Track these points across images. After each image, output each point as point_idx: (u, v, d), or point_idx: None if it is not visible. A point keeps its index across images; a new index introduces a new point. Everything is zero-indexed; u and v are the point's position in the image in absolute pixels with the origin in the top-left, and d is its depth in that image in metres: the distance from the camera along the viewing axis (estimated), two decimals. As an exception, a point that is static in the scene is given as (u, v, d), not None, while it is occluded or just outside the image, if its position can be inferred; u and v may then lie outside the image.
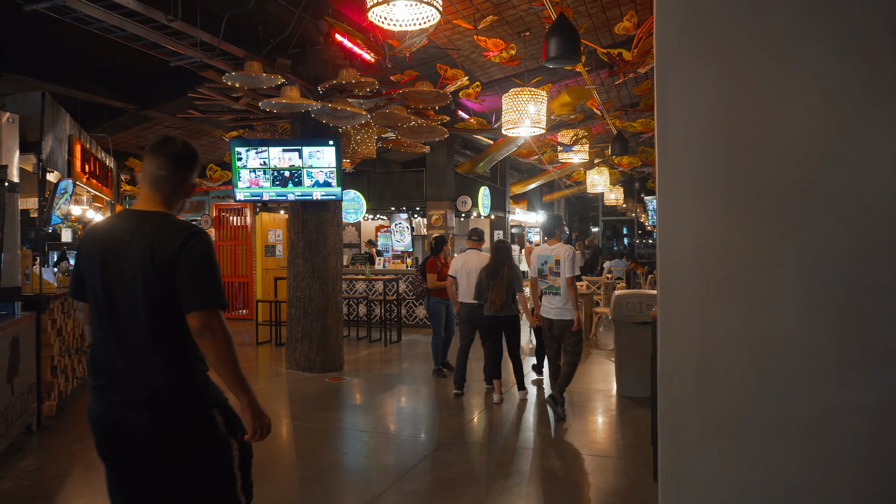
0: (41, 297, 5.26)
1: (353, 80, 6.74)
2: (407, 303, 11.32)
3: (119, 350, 1.97)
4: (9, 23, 8.14)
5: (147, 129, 13.90)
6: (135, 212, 2.08)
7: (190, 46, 6.81)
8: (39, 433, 5.15)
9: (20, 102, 5.74)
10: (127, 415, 1.97)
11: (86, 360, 5.77)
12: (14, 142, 4.89)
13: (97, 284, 2.01)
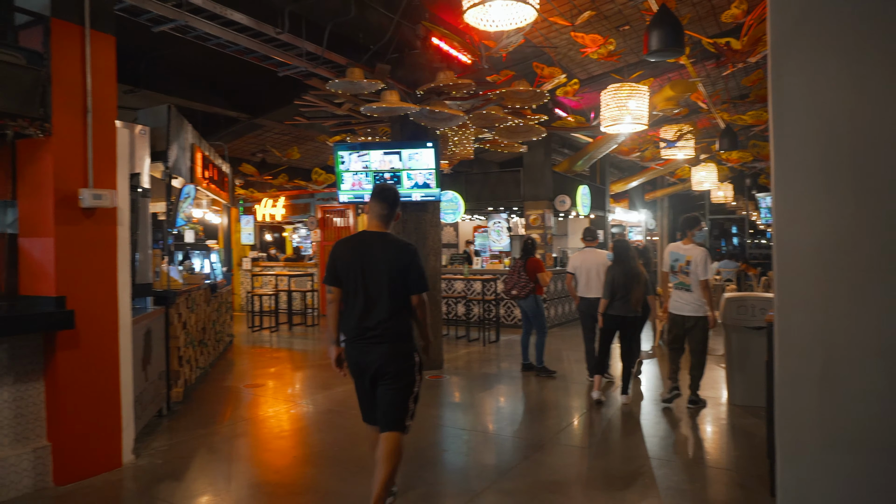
0: (169, 293, 5.74)
1: (450, 83, 6.83)
2: (505, 303, 11.31)
3: (366, 320, 3.33)
4: (141, 44, 8.94)
5: (258, 136, 14.80)
6: (373, 233, 3.47)
7: (296, 57, 7.17)
8: (168, 417, 5.62)
9: (150, 116, 6.29)
10: (374, 349, 3.34)
11: (199, 345, 6.24)
12: (145, 151, 5.36)
13: (356, 277, 3.35)
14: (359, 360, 3.38)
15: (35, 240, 4.06)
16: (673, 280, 5.97)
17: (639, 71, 9.18)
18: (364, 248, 3.41)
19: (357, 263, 3.36)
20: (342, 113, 8.17)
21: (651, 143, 13.31)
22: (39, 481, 3.94)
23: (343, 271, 3.39)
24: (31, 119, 3.81)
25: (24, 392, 3.94)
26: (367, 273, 3.34)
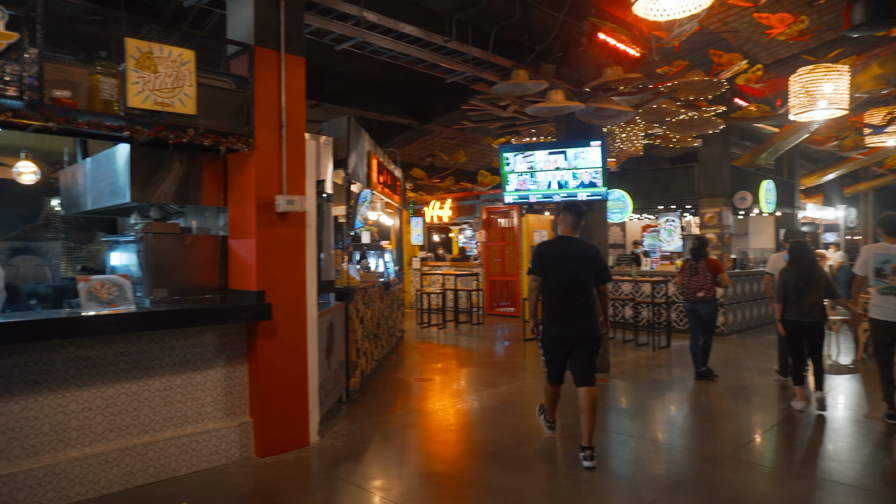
0: (349, 290, 6.24)
1: (617, 78, 6.62)
2: (677, 306, 10.69)
3: (568, 302, 4.51)
4: (325, 62, 9.81)
5: (427, 141, 15.49)
6: (568, 237, 4.70)
7: (463, 63, 7.40)
8: (347, 404, 6.11)
9: (332, 127, 6.89)
10: (574, 326, 4.50)
11: (374, 338, 6.67)
12: (329, 160, 5.88)
13: (558, 270, 4.55)
14: (560, 333, 4.55)
15: (241, 241, 4.65)
16: (878, 284, 5.31)
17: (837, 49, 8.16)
18: (563, 248, 4.64)
19: (559, 260, 4.58)
20: (507, 115, 8.27)
21: (852, 130, 11.77)
22: (244, 452, 4.51)
23: (548, 265, 4.60)
24: (239, 136, 4.38)
25: (232, 373, 4.53)
26: (566, 267, 4.55)
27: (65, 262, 6.60)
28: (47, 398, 3.70)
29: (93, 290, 3.90)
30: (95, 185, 5.07)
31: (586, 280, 4.52)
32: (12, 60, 3.45)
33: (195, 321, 4.24)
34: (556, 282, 4.55)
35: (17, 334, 3.48)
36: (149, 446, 4.05)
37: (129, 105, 3.84)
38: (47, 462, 3.66)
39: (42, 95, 3.55)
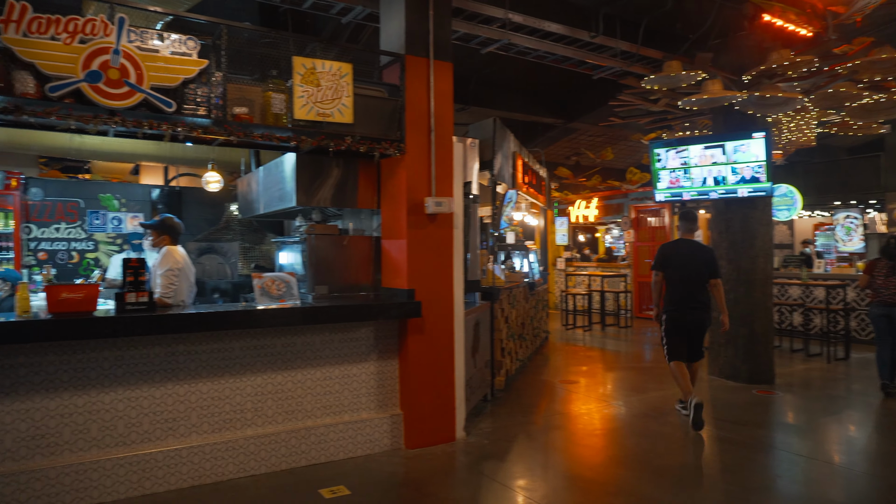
0: (494, 290, 6.32)
1: (785, 62, 6.05)
2: (859, 314, 9.52)
3: (689, 294, 5.48)
4: (470, 66, 10.01)
5: (572, 139, 15.21)
6: (687, 239, 5.70)
7: (610, 57, 7.18)
8: (492, 402, 6.19)
9: (478, 129, 7.02)
10: (694, 315, 5.47)
11: (519, 339, 6.68)
12: (475, 161, 6.00)
13: (679, 267, 5.54)
14: (684, 319, 5.50)
15: (392, 241, 4.89)
16: None
17: None
18: (683, 249, 5.65)
19: (677, 258, 5.60)
20: (658, 109, 7.90)
21: None
22: (395, 442, 4.74)
23: (668, 263, 5.64)
24: (391, 141, 4.62)
25: (384, 367, 4.78)
26: (684, 264, 5.55)
27: (241, 261, 7.37)
28: (228, 381, 4.16)
29: (265, 287, 4.33)
30: (267, 191, 5.61)
31: (700, 276, 5.50)
32: (202, 84, 3.93)
33: (352, 317, 4.54)
34: (675, 276, 5.56)
35: (208, 324, 3.96)
36: (311, 430, 4.41)
37: (295, 117, 4.21)
38: (228, 438, 4.12)
39: (225, 113, 4.01)
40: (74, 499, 3.64)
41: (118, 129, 3.85)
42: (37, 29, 3.46)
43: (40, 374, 3.61)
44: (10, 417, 3.54)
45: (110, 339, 3.78)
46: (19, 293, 3.72)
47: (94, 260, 8.14)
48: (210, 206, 8.14)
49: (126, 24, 3.68)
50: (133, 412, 3.86)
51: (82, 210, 8.09)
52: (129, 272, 3.82)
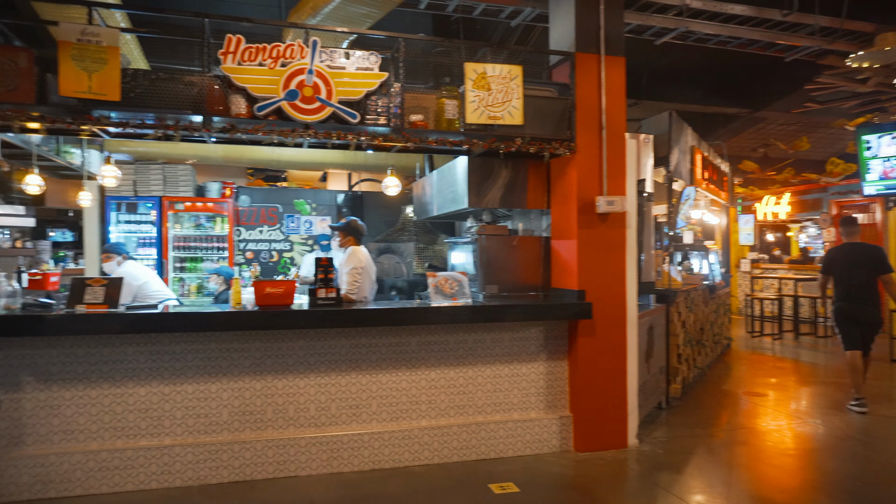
0: (670, 292, 6.00)
1: None
2: None
3: (859, 292, 5.84)
4: (643, 58, 9.58)
5: (759, 130, 13.89)
6: (853, 243, 5.98)
7: (806, 36, 6.46)
8: (667, 410, 5.87)
9: (652, 124, 6.69)
10: (864, 310, 5.85)
11: (697, 345, 6.29)
12: (649, 158, 5.74)
13: (849, 268, 5.88)
14: (848, 311, 5.89)
15: (562, 242, 4.85)
16: None
17: None
18: (849, 251, 5.97)
19: (846, 261, 5.93)
20: (867, 90, 6.94)
21: None
22: (563, 444, 4.70)
23: (836, 266, 6.01)
24: (561, 141, 4.58)
25: (553, 368, 4.76)
26: (854, 266, 5.86)
27: (416, 260, 7.78)
28: (404, 374, 4.42)
29: (439, 285, 4.53)
30: (440, 194, 5.86)
31: (870, 276, 5.82)
32: (382, 95, 4.22)
33: (522, 316, 4.58)
34: (843, 277, 5.95)
35: (388, 319, 4.25)
36: (481, 426, 4.53)
37: (467, 121, 4.35)
38: (405, 427, 4.37)
39: (403, 121, 4.27)
40: (276, 469, 4.11)
41: (311, 141, 4.28)
42: (248, 57, 3.96)
43: (249, 358, 4.13)
44: (227, 395, 4.09)
45: (304, 330, 4.21)
46: (233, 288, 4.29)
47: (290, 259, 9.09)
48: (388, 208, 8.70)
49: (318, 46, 4.07)
50: (323, 397, 4.25)
51: (281, 214, 9.08)
52: (320, 270, 4.22)
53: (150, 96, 3.89)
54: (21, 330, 3.66)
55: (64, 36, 3.62)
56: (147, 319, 3.89)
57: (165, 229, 8.29)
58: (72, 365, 3.86)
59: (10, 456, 3.74)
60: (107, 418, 3.91)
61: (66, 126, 3.79)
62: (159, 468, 3.93)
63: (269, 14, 7.20)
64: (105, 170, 6.03)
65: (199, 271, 8.43)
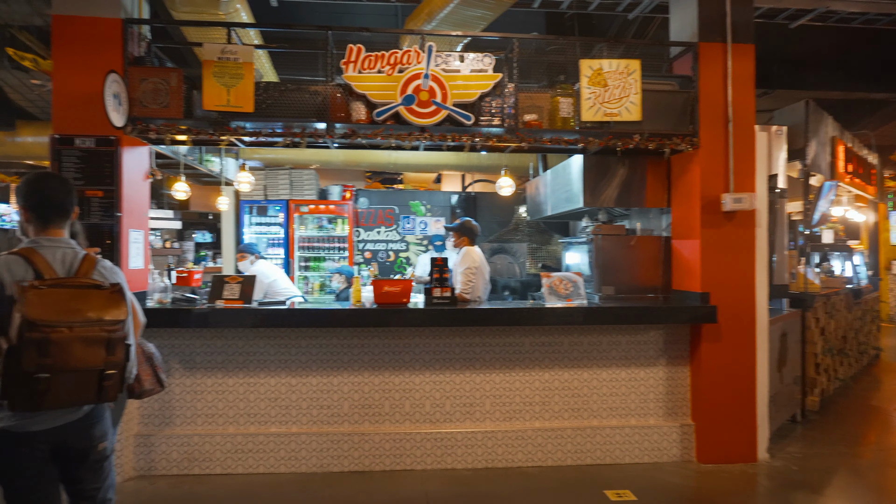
0: (806, 296, 5.53)
1: None
2: None
3: None
4: (773, 45, 8.89)
5: (915, 116, 12.41)
6: None
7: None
8: (802, 424, 5.41)
9: (786, 115, 6.19)
10: None
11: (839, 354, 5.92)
12: (781, 151, 5.31)
13: None
14: None
15: (684, 241, 4.62)
16: None
17: None
18: None
19: None
20: None
21: None
22: (684, 454, 4.48)
23: None
24: (683, 136, 4.37)
25: (674, 373, 4.55)
26: None
27: (529, 261, 7.73)
28: (518, 374, 4.41)
29: (553, 286, 4.47)
30: (554, 194, 5.79)
31: None
32: (496, 96, 4.24)
33: (640, 319, 4.41)
34: None
35: (502, 319, 4.27)
36: (596, 430, 4.42)
37: (582, 119, 4.27)
38: (517, 427, 4.37)
39: (517, 121, 4.26)
40: (392, 462, 4.26)
41: (427, 144, 4.38)
42: (367, 65, 4.13)
43: (368, 354, 4.31)
44: (348, 388, 4.29)
45: (420, 328, 4.32)
46: (354, 286, 4.49)
47: (406, 259, 9.37)
48: (501, 209, 8.71)
49: (434, 51, 4.16)
50: (438, 394, 4.35)
51: (397, 215, 9.38)
52: (435, 269, 4.32)
53: (279, 107, 4.18)
54: (173, 321, 4.06)
55: (207, 55, 3.97)
56: (277, 315, 4.17)
57: (292, 230, 8.84)
58: (212, 355, 4.23)
59: (161, 434, 4.16)
60: (241, 405, 4.24)
61: (208, 137, 4.16)
62: (287, 454, 4.21)
63: (387, 23, 7.46)
64: (241, 176, 6.53)
65: (322, 270, 8.90)
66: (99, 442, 2.26)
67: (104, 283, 2.15)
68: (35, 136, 8.78)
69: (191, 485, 3.99)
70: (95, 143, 4.02)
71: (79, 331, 2.00)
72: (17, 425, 2.07)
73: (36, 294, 1.98)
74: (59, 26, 4.07)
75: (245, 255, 6.16)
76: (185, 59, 7.10)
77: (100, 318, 2.06)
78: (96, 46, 4.05)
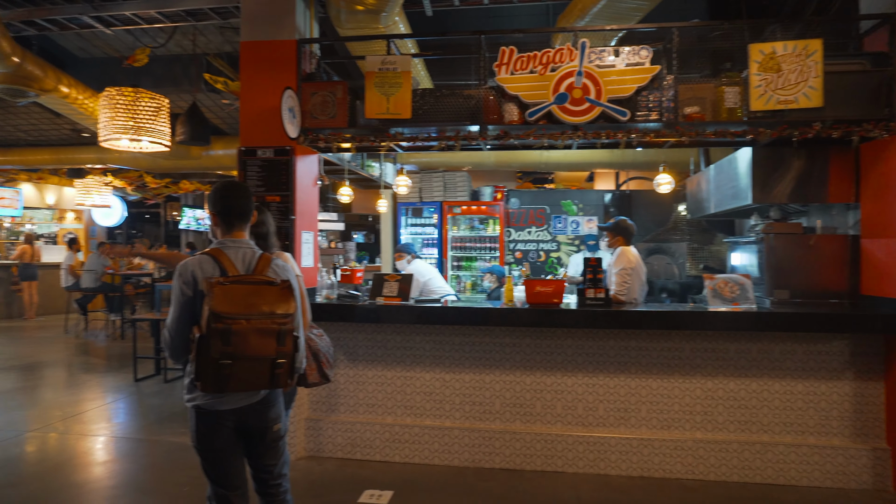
0: None
1: None
2: None
3: None
4: None
5: None
6: None
7: None
8: None
9: None
10: None
11: None
12: None
13: None
14: None
15: (878, 241, 4.08)
16: None
17: None
18: None
19: None
20: None
21: None
22: (878, 482, 3.95)
23: None
24: (876, 121, 3.86)
25: (863, 389, 4.03)
26: None
27: (689, 262, 7.28)
28: (677, 381, 4.18)
29: (717, 288, 4.18)
30: (718, 190, 5.40)
31: None
32: (654, 89, 4.06)
33: (820, 326, 3.97)
34: None
35: (660, 322, 4.08)
36: (767, 447, 4.05)
37: (751, 109, 3.94)
38: (676, 437, 4.14)
39: (676, 115, 4.04)
40: (543, 462, 4.24)
41: (580, 142, 4.31)
42: (520, 66, 4.16)
43: (520, 353, 4.33)
44: (499, 386, 4.35)
45: (573, 329, 4.26)
46: (506, 286, 4.54)
47: (557, 259, 9.26)
48: (658, 207, 8.30)
49: (587, 48, 4.08)
50: (590, 397, 4.25)
51: (548, 215, 9.31)
52: (589, 270, 4.23)
53: (434, 112, 4.34)
54: (339, 316, 4.39)
55: (369, 67, 4.24)
56: (432, 312, 4.33)
57: (445, 231, 9.13)
58: (373, 348, 4.50)
59: (328, 419, 4.51)
60: (399, 397, 4.47)
61: (369, 143, 4.44)
62: (441, 446, 4.36)
63: (539, 22, 7.43)
64: (399, 179, 6.88)
65: (474, 270, 9.09)
66: (274, 423, 2.51)
67: (276, 279, 2.38)
68: (225, 150, 9.94)
69: (354, 468, 4.29)
70: (274, 154, 4.46)
71: (255, 323, 2.22)
72: (208, 404, 2.36)
73: (221, 289, 2.22)
74: (246, 51, 4.58)
75: (403, 255, 6.47)
76: (348, 72, 7.62)
77: (272, 312, 2.27)
78: (275, 66, 4.50)
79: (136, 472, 4.35)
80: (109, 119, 5.34)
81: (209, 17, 6.60)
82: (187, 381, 2.38)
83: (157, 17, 6.61)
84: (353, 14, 5.20)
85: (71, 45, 8.95)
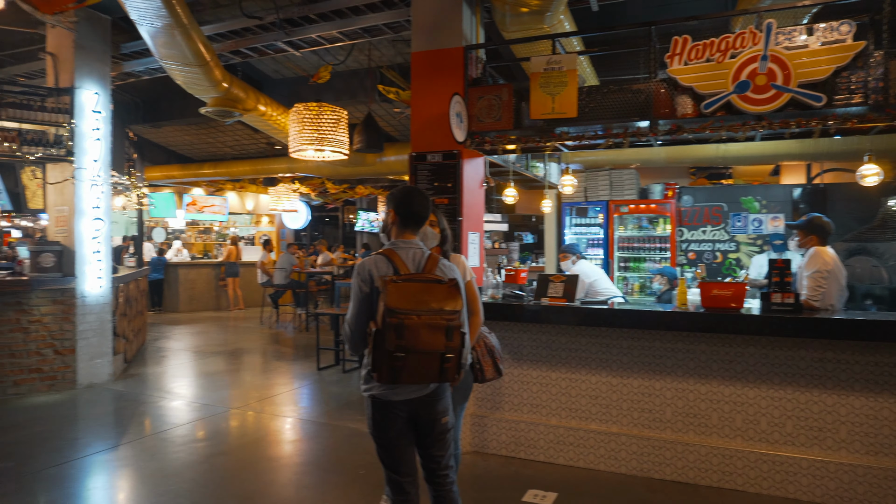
0: None
1: None
2: None
3: None
4: None
5: None
6: None
7: None
8: None
9: None
10: None
11: None
12: None
13: None
14: None
15: None
16: None
17: None
18: None
19: None
20: None
21: None
22: None
23: None
24: None
25: None
26: None
27: (901, 264, 6.33)
28: (887, 400, 3.65)
29: (939, 295, 3.59)
30: (940, 181, 4.63)
31: None
32: (857, 69, 3.59)
33: None
34: None
35: (862, 333, 3.59)
36: None
37: None
38: (886, 464, 3.62)
39: (887, 96, 3.54)
40: (720, 479, 3.94)
41: (764, 133, 3.95)
42: (694, 56, 3.91)
43: (693, 360, 4.07)
44: (671, 393, 4.12)
45: (756, 337, 3.90)
46: (679, 288, 4.29)
47: (736, 260, 8.54)
48: (860, 202, 7.32)
49: (773, 29, 3.72)
50: (776, 412, 3.87)
51: (725, 213, 8.62)
52: (775, 272, 3.86)
53: (601, 109, 4.23)
54: (504, 316, 4.45)
55: (534, 68, 4.25)
56: (599, 314, 4.23)
57: (611, 231, 8.84)
58: (537, 349, 4.50)
59: (492, 416, 4.59)
60: (563, 399, 4.42)
61: (535, 144, 4.45)
62: (606, 452, 4.24)
63: (716, 7, 6.91)
64: (564, 179, 6.81)
65: (642, 271, 8.70)
66: (442, 416, 2.62)
67: (444, 278, 2.49)
68: (396, 156, 10.55)
69: (517, 467, 4.32)
70: (442, 158, 4.65)
71: (425, 318, 2.34)
72: (383, 394, 2.53)
73: (394, 287, 2.37)
74: (416, 61, 4.82)
75: (567, 256, 6.39)
76: (513, 75, 7.69)
77: (441, 308, 2.37)
78: (443, 73, 4.68)
79: (320, 452, 4.77)
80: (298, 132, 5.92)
81: (383, 32, 7.05)
82: (364, 372, 2.57)
83: (338, 36, 7.20)
84: (518, 17, 5.24)
85: (266, 69, 10.07)
